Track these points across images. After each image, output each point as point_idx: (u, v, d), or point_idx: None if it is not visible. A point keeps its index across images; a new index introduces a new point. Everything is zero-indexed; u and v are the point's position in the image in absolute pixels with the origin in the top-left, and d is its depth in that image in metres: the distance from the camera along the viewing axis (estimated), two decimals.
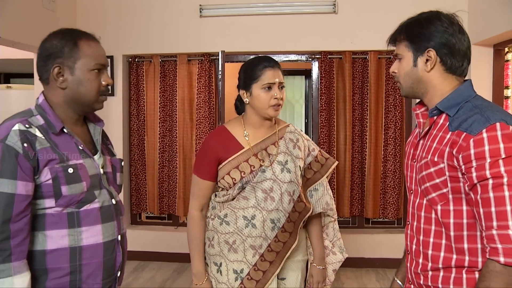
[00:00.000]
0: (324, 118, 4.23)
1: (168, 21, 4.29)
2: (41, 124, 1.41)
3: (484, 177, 1.17)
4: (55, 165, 1.37)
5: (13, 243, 1.29)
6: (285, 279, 1.94)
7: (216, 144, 1.87)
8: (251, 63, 1.88)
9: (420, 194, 1.38)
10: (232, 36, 4.27)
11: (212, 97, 4.38)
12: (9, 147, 1.31)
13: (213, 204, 1.94)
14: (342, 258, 2.09)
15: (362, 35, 4.17)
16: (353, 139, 4.28)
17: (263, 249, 1.83)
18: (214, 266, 1.89)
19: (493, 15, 3.44)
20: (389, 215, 4.30)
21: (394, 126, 4.25)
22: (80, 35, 1.47)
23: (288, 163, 1.87)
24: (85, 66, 1.45)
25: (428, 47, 1.34)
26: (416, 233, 1.40)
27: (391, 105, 4.25)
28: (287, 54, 4.38)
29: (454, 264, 1.29)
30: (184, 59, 4.34)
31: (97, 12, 4.35)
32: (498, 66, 3.89)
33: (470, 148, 1.19)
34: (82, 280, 1.43)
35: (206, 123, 4.36)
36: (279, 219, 1.84)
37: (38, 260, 1.38)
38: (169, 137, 4.47)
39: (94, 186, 1.47)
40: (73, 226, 1.41)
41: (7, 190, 1.30)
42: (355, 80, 4.26)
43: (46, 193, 1.37)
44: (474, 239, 1.27)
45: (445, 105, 1.33)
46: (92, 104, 1.50)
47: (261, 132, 1.91)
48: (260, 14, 4.24)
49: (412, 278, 1.43)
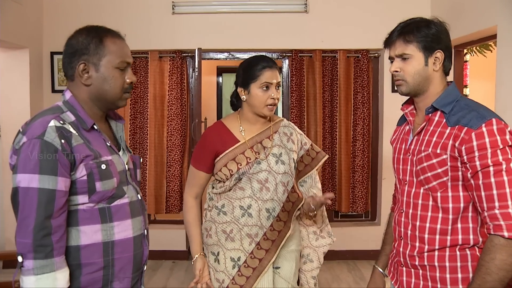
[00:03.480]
0: (295, 115, 4.33)
1: (140, 18, 4.26)
2: (73, 121, 1.41)
3: (486, 165, 1.34)
4: (89, 162, 1.38)
5: (54, 238, 1.30)
6: (279, 268, 2.01)
7: (214, 138, 1.95)
8: (251, 62, 1.94)
9: (416, 184, 1.53)
10: (204, 34, 4.29)
11: (184, 94, 4.39)
12: (47, 143, 1.31)
13: (210, 196, 2.02)
14: (331, 241, 2.19)
15: (332, 34, 4.31)
16: (323, 135, 4.40)
17: (259, 238, 1.91)
18: (212, 255, 1.96)
19: (453, 18, 3.64)
20: (358, 209, 4.46)
21: (362, 123, 4.41)
22: (106, 32, 1.48)
23: (282, 156, 1.96)
24: (110, 63, 1.45)
25: (437, 49, 1.48)
26: (412, 220, 1.53)
27: (359, 103, 4.40)
28: (259, 52, 4.42)
29: (449, 244, 1.45)
30: (156, 56, 4.32)
31: (65, 6, 4.26)
32: (459, 66, 4.13)
33: (472, 141, 1.36)
34: (114, 274, 1.44)
35: (178, 120, 4.36)
36: (274, 208, 1.92)
37: (73, 256, 1.38)
38: (140, 134, 4.43)
39: (123, 182, 1.49)
40: (106, 221, 1.42)
41: (48, 186, 1.29)
42: (325, 78, 4.39)
43: (80, 189, 1.37)
44: (466, 220, 1.44)
45: (440, 103, 1.48)
46: (116, 101, 1.50)
47: (256, 127, 1.99)
48: (232, 12, 4.29)
49: (406, 261, 1.55)
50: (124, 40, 1.53)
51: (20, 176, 1.30)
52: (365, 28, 4.31)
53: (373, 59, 4.49)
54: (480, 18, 3.38)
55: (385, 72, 4.38)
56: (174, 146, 4.39)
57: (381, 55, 4.41)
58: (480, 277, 1.33)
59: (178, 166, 4.40)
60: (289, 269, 2.03)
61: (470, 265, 1.43)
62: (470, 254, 1.44)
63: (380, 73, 4.47)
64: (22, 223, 1.28)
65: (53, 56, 4.28)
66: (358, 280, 3.97)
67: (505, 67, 3.08)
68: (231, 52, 4.47)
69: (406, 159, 1.58)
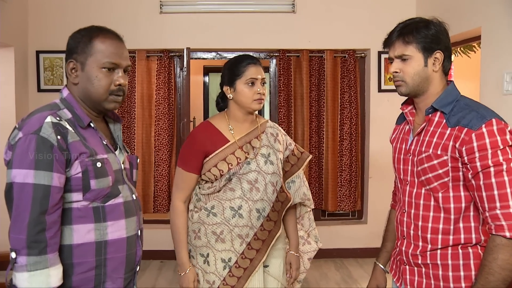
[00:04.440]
0: (282, 114, 4.36)
1: (128, 17, 4.23)
2: (69, 118, 1.40)
3: (486, 166, 1.35)
4: (85, 159, 1.36)
5: (48, 235, 1.28)
6: (268, 266, 2.02)
7: (203, 138, 1.93)
8: (235, 61, 1.95)
9: (418, 184, 1.53)
10: (192, 33, 4.29)
11: (171, 93, 4.38)
12: (43, 139, 1.30)
13: (198, 197, 1.99)
14: (317, 247, 2.21)
15: (319, 34, 4.34)
16: (310, 134, 4.43)
17: (249, 238, 1.91)
18: (201, 257, 1.94)
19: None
20: (345, 208, 4.50)
21: (349, 122, 4.45)
22: (98, 32, 1.45)
23: (270, 156, 1.97)
24: (95, 63, 1.43)
25: (436, 49, 1.49)
26: (414, 220, 1.54)
27: (346, 102, 4.44)
28: (246, 51, 4.43)
29: (451, 243, 1.47)
30: (143, 55, 4.30)
31: (51, 4, 4.21)
32: None
33: (472, 141, 1.36)
34: (107, 274, 1.43)
35: (165, 119, 4.35)
36: (264, 208, 1.93)
37: (65, 255, 1.36)
38: (127, 134, 4.40)
39: (118, 181, 1.47)
40: (99, 220, 1.41)
41: (43, 182, 1.28)
42: (312, 78, 4.42)
43: (74, 186, 1.36)
44: (468, 219, 1.46)
45: (440, 103, 1.49)
46: (102, 102, 1.46)
47: (244, 126, 1.99)
48: (219, 11, 4.29)
49: (409, 260, 1.57)
50: (119, 41, 1.49)
51: (15, 171, 1.29)
52: (352, 29, 4.35)
53: (360, 59, 4.53)
54: (465, 20, 3.43)
55: (371, 72, 4.42)
56: (162, 146, 4.38)
57: (368, 55, 4.45)
58: (483, 277, 1.35)
59: (165, 166, 4.39)
60: (278, 267, 2.04)
61: (472, 263, 1.45)
62: (472, 252, 1.45)
63: (367, 73, 4.52)
64: (17, 219, 1.27)
65: (38, 55, 4.22)
66: (346, 278, 4.00)
67: (489, 68, 3.14)
68: (218, 51, 4.48)
69: (407, 159, 1.59)
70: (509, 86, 2.90)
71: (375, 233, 4.48)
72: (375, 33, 4.36)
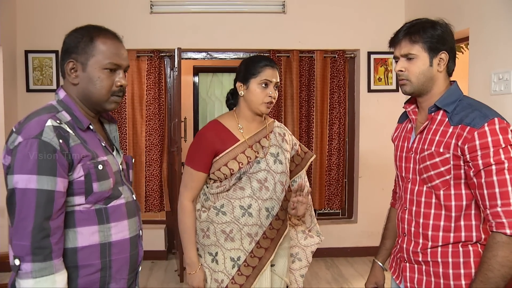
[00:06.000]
0: (272, 114, 4.37)
1: (118, 17, 4.21)
2: (69, 120, 1.38)
3: (488, 164, 1.37)
4: (87, 162, 1.35)
5: (53, 240, 1.26)
6: (274, 265, 2.04)
7: (213, 137, 1.92)
8: (254, 59, 1.96)
9: (419, 182, 1.55)
10: (182, 33, 4.29)
11: (162, 93, 4.38)
12: (46, 143, 1.27)
13: (206, 196, 1.99)
14: (319, 240, 2.23)
15: (309, 35, 4.37)
16: (300, 134, 4.46)
17: (259, 237, 1.93)
18: (209, 256, 1.95)
19: None
20: (333, 206, 4.54)
21: (338, 122, 4.49)
22: (98, 32, 1.44)
23: (279, 155, 1.99)
24: (97, 64, 1.41)
25: (442, 50, 1.51)
26: (415, 217, 1.56)
27: (336, 102, 4.48)
28: (237, 52, 4.46)
29: (452, 241, 1.48)
30: (133, 55, 4.29)
31: (40, 3, 4.17)
32: None
33: (475, 140, 1.38)
34: (111, 276, 1.42)
35: (156, 119, 4.35)
36: (273, 207, 1.94)
37: (70, 258, 1.35)
38: (118, 134, 4.38)
39: (118, 182, 1.46)
40: (103, 222, 1.40)
41: (47, 187, 1.26)
42: (302, 78, 4.45)
43: (77, 190, 1.34)
44: (469, 217, 1.48)
45: (443, 102, 1.50)
46: (103, 103, 1.45)
47: (253, 125, 2.00)
48: (210, 12, 4.30)
49: (410, 257, 1.59)
50: (119, 41, 1.48)
51: (17, 177, 1.26)
52: (342, 29, 4.38)
53: (350, 60, 4.57)
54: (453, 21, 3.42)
55: (361, 72, 4.46)
56: (153, 146, 4.37)
57: (357, 55, 4.49)
58: (482, 274, 1.37)
59: (157, 166, 4.39)
60: (283, 266, 2.07)
61: (472, 261, 1.46)
62: (472, 250, 1.47)
63: (356, 73, 4.55)
64: (19, 225, 1.24)
65: (27, 54, 4.19)
66: (337, 277, 4.03)
67: (477, 69, 3.19)
68: (209, 52, 4.48)
69: (409, 157, 1.61)
70: (497, 87, 2.95)
71: (365, 232, 4.54)
72: (365, 33, 4.44)
